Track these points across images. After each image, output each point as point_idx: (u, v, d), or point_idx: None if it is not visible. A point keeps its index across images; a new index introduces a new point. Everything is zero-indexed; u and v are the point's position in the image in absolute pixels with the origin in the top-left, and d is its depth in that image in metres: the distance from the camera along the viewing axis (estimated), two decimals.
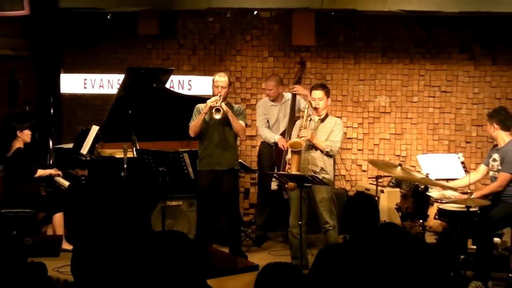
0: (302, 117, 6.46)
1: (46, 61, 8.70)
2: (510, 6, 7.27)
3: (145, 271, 3.09)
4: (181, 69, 8.84)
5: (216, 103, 6.53)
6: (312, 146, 6.42)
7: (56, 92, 8.71)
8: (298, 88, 7.39)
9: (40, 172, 7.26)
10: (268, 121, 7.67)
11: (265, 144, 7.71)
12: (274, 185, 7.52)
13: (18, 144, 7.11)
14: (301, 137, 6.34)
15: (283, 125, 7.57)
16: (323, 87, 6.57)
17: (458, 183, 6.67)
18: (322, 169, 6.41)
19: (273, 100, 7.65)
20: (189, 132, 6.83)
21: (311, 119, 6.55)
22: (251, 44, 8.84)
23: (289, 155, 6.58)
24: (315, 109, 6.49)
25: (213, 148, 6.78)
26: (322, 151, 6.40)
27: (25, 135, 7.15)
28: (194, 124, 6.74)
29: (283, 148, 7.30)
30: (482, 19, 8.16)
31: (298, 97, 7.43)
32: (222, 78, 6.70)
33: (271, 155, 7.58)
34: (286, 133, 7.36)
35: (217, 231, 7.29)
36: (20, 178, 7.11)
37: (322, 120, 6.50)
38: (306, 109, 6.49)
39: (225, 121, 6.66)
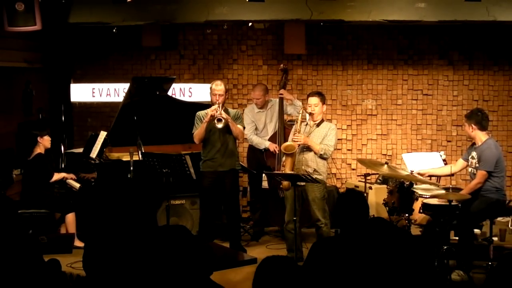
0: (297, 122, 6.44)
1: (57, 73, 8.68)
2: (484, 15, 7.27)
3: (151, 266, 3.08)
4: (182, 78, 8.82)
5: (217, 111, 6.51)
6: (306, 149, 6.40)
7: (67, 101, 8.70)
8: (284, 93, 7.41)
9: (56, 177, 7.26)
10: (256, 128, 7.66)
11: (252, 147, 7.70)
12: (265, 184, 7.53)
13: (39, 149, 7.12)
14: (295, 141, 6.32)
15: (270, 129, 7.58)
16: (319, 94, 6.57)
17: (437, 171, 6.69)
18: (315, 170, 6.38)
19: (260, 108, 7.65)
20: (194, 140, 6.84)
21: (306, 124, 6.54)
22: (246, 54, 8.83)
23: (284, 157, 6.56)
24: (310, 114, 6.47)
25: (215, 152, 6.77)
26: (316, 153, 6.38)
27: (45, 141, 7.17)
28: (198, 132, 6.73)
29: (275, 152, 7.29)
30: (459, 27, 8.17)
31: (284, 101, 7.44)
32: (219, 87, 6.67)
33: (260, 157, 7.56)
34: (277, 136, 7.35)
35: (218, 227, 7.27)
36: (37, 181, 7.10)
37: (318, 125, 6.48)
38: (300, 114, 6.47)
39: (226, 127, 6.65)
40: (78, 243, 6.91)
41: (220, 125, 6.51)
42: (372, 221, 4.17)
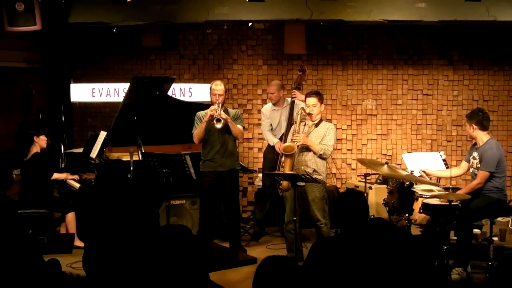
0: (296, 122, 6.43)
1: (57, 73, 8.67)
2: (484, 15, 7.28)
3: (151, 265, 3.08)
4: (182, 78, 8.82)
5: (216, 111, 6.50)
6: (305, 149, 6.39)
7: (67, 101, 8.69)
8: (296, 93, 7.37)
9: (56, 176, 7.27)
10: (271, 124, 7.65)
11: (269, 146, 7.69)
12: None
13: (35, 149, 7.13)
14: (294, 141, 6.31)
15: (284, 128, 7.54)
16: (317, 94, 6.54)
17: (442, 173, 6.69)
18: (314, 170, 6.37)
19: (275, 104, 7.62)
20: (193, 139, 6.85)
21: (305, 124, 6.53)
22: (246, 54, 8.83)
23: (283, 158, 6.55)
24: (309, 114, 6.46)
25: (215, 152, 6.77)
26: (315, 153, 6.37)
27: (42, 141, 7.17)
28: (197, 132, 6.74)
29: (279, 152, 7.27)
30: (459, 27, 8.17)
31: (297, 101, 7.38)
32: (218, 87, 6.67)
33: (274, 156, 7.54)
34: (283, 137, 7.34)
35: (218, 227, 7.27)
36: (36, 181, 7.10)
37: (316, 125, 6.47)
38: (299, 115, 6.46)
39: (225, 127, 6.64)
40: (78, 243, 6.91)
41: (219, 126, 6.51)
42: (372, 221, 4.17)
